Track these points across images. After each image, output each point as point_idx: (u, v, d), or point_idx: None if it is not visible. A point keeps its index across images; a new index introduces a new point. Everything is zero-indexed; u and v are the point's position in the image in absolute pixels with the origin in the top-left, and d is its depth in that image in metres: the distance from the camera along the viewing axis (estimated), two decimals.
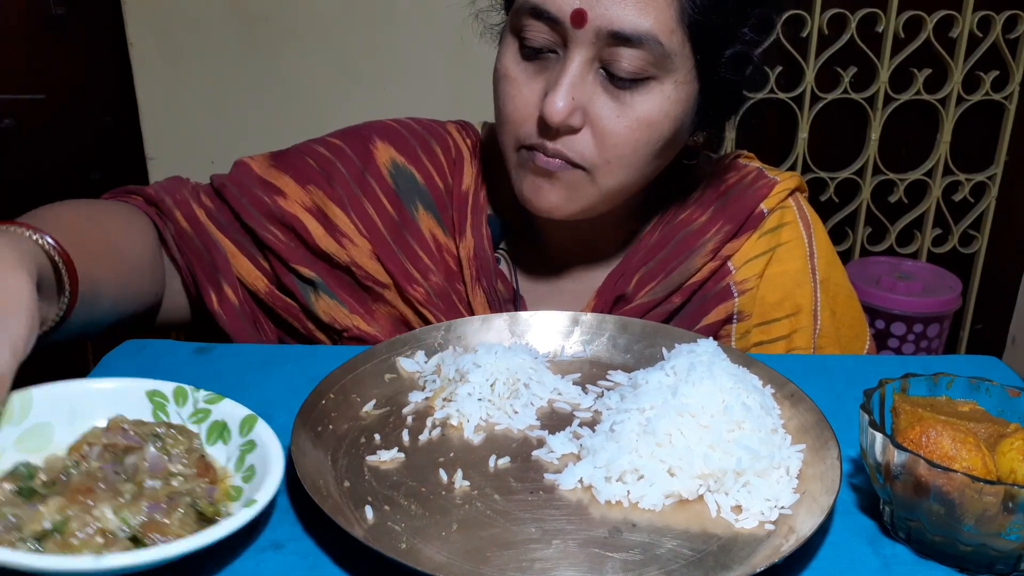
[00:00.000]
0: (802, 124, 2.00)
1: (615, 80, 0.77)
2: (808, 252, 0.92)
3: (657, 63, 0.76)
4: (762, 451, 0.59)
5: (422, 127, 0.95)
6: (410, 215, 0.91)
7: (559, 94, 0.76)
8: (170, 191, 0.89)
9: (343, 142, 0.93)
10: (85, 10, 1.84)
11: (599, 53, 0.76)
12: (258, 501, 0.52)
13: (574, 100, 0.76)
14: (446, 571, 0.52)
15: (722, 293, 0.90)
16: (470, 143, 0.95)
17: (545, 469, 0.62)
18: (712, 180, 0.93)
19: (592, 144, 0.79)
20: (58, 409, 0.60)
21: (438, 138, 0.94)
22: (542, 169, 0.80)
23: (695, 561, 0.54)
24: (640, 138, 0.79)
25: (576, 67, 0.76)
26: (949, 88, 2.00)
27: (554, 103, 0.76)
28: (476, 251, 0.89)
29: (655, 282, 0.89)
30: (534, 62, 0.79)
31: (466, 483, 0.60)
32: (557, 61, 0.78)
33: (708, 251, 0.89)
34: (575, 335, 0.79)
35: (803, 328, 0.91)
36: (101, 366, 0.76)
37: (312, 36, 1.79)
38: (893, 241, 2.15)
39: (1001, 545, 0.52)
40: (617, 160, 0.79)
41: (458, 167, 0.92)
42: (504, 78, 0.81)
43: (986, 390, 0.62)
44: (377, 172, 0.91)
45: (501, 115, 0.82)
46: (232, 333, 0.87)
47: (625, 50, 0.75)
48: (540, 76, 0.79)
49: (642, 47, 0.75)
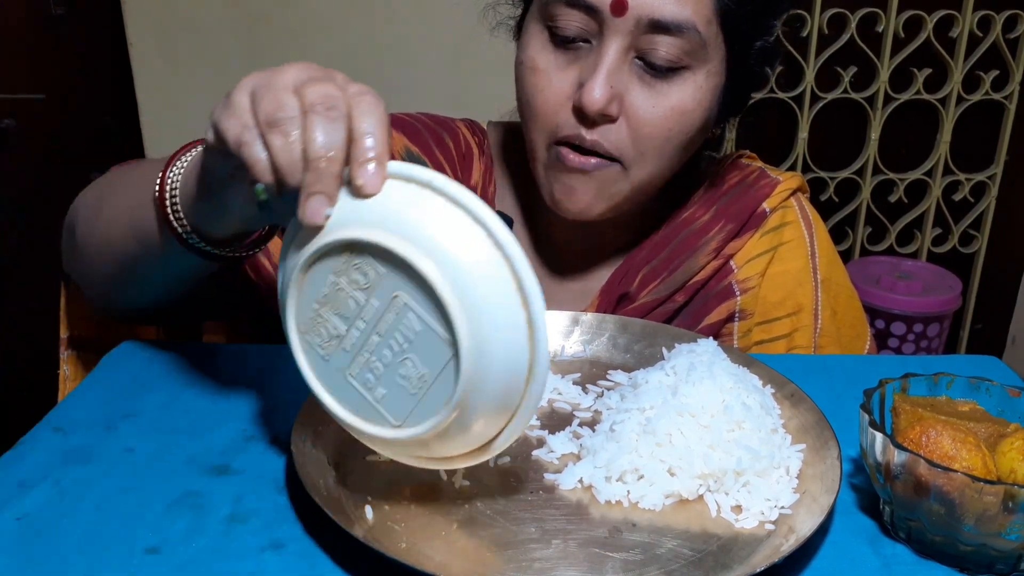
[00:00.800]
0: (802, 124, 2.00)
1: (651, 69, 0.76)
2: (809, 252, 0.93)
3: (693, 52, 0.76)
4: (762, 451, 0.59)
5: (434, 121, 0.95)
6: None
7: (597, 81, 0.75)
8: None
9: None
10: (85, 10, 1.84)
11: (635, 42, 0.75)
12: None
13: (612, 88, 0.76)
14: (446, 571, 0.52)
15: (724, 292, 0.90)
16: (478, 140, 0.95)
17: (545, 469, 0.62)
18: (714, 180, 0.94)
19: (627, 134, 0.78)
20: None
21: (450, 132, 0.94)
22: (576, 168, 0.79)
23: (695, 561, 0.54)
24: (674, 127, 0.78)
25: (613, 55, 0.75)
26: (949, 88, 2.00)
27: (592, 91, 0.75)
28: None
29: (658, 281, 0.89)
30: (565, 52, 0.78)
31: (466, 483, 0.60)
32: (590, 51, 0.77)
33: (711, 250, 0.89)
34: (575, 335, 0.79)
35: (804, 327, 0.92)
36: (101, 366, 0.76)
37: (312, 36, 1.79)
38: (893, 241, 2.15)
39: (1001, 545, 0.52)
40: (651, 151, 0.79)
41: (467, 162, 0.93)
42: (532, 70, 0.79)
43: (986, 390, 0.62)
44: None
45: (531, 108, 0.81)
46: (270, 307, 0.83)
47: (663, 38, 0.75)
48: (572, 66, 0.78)
49: (681, 36, 0.74)
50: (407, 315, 0.49)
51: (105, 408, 0.67)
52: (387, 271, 0.49)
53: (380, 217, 0.49)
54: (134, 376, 0.74)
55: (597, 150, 0.79)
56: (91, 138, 1.93)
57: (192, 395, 0.71)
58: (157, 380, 0.73)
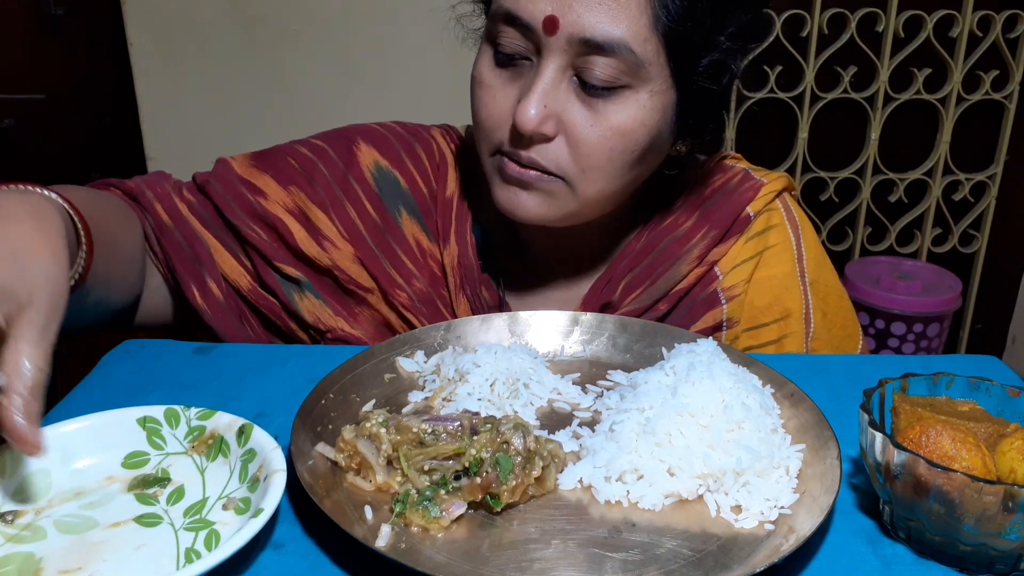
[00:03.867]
0: (802, 124, 2.00)
1: (589, 88, 0.76)
2: (796, 255, 0.91)
3: (631, 72, 0.75)
4: (762, 451, 0.59)
5: (406, 131, 0.94)
6: (393, 219, 0.90)
7: (531, 102, 0.75)
8: (151, 185, 0.89)
9: (326, 143, 0.92)
10: (85, 10, 1.85)
11: (572, 61, 0.75)
12: (265, 510, 0.52)
13: (546, 108, 0.76)
14: (446, 571, 0.52)
15: (709, 299, 0.89)
16: (454, 148, 0.94)
17: None
18: (697, 184, 0.92)
19: (567, 153, 0.78)
20: (48, 456, 0.58)
21: (423, 142, 0.93)
22: (515, 178, 0.79)
23: (695, 561, 0.54)
24: (615, 147, 0.77)
25: (549, 74, 0.75)
26: (949, 88, 2.00)
27: (526, 111, 0.75)
28: (460, 259, 0.88)
29: (640, 289, 0.88)
30: (509, 69, 0.79)
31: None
32: (531, 68, 0.77)
33: (694, 257, 0.88)
34: (575, 335, 0.79)
35: (793, 333, 0.90)
36: (100, 366, 0.76)
37: (312, 36, 1.80)
38: (893, 241, 2.15)
39: (1001, 545, 0.52)
40: (592, 169, 0.78)
41: (442, 172, 0.92)
42: (479, 84, 0.80)
43: (986, 390, 0.61)
44: (360, 175, 0.90)
45: (476, 121, 0.82)
46: (218, 328, 0.87)
47: (598, 58, 0.74)
48: (514, 83, 0.78)
49: (614, 55, 0.74)
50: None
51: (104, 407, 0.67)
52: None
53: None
54: (134, 376, 0.74)
55: (535, 166, 0.79)
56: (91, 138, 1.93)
57: (192, 395, 0.71)
58: (157, 380, 0.73)
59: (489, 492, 0.56)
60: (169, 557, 0.53)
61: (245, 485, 0.58)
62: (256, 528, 0.51)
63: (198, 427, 0.62)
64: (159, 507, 0.57)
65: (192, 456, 0.62)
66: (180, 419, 0.62)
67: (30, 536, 0.54)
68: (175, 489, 0.59)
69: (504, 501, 0.57)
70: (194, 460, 0.61)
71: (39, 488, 0.58)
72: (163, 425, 0.62)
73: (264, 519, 0.52)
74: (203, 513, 0.57)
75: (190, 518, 0.56)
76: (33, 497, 0.57)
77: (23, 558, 0.52)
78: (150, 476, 0.60)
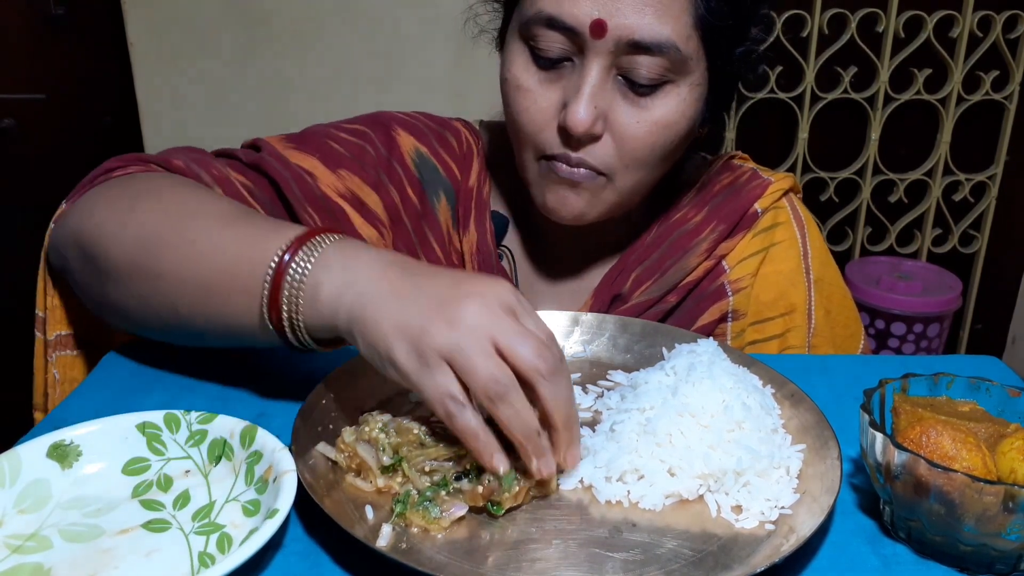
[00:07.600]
0: (802, 124, 2.00)
1: (634, 87, 0.77)
2: (802, 252, 0.93)
3: (674, 68, 0.76)
4: (762, 451, 0.59)
5: (434, 121, 0.95)
6: (431, 205, 0.90)
7: (581, 104, 0.75)
8: (203, 164, 0.81)
9: (366, 127, 0.91)
10: (85, 10, 1.85)
11: (617, 61, 0.76)
12: (280, 510, 0.52)
13: (596, 108, 0.76)
14: (447, 571, 0.52)
15: (717, 292, 0.90)
16: (474, 139, 0.95)
17: None
18: (707, 180, 0.94)
19: (612, 150, 0.79)
20: (49, 462, 0.59)
21: (452, 131, 0.94)
22: (567, 180, 0.80)
23: (695, 561, 0.54)
24: (658, 140, 0.79)
25: (595, 76, 0.76)
26: (949, 88, 2.00)
27: (577, 113, 0.75)
28: (479, 245, 0.89)
29: (651, 281, 0.89)
30: (549, 71, 0.78)
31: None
32: (573, 69, 0.77)
33: (703, 251, 0.89)
34: (575, 335, 0.79)
35: (797, 327, 0.92)
36: (101, 366, 0.76)
37: (312, 36, 1.79)
38: (893, 241, 2.15)
39: (1001, 545, 0.52)
40: (635, 163, 0.80)
41: (467, 162, 0.93)
42: (517, 88, 0.80)
43: (986, 390, 0.61)
44: (402, 160, 0.90)
45: (517, 126, 0.81)
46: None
47: (644, 58, 0.75)
48: (556, 85, 0.78)
49: (661, 55, 0.75)
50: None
51: (105, 408, 0.67)
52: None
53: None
54: (134, 376, 0.74)
55: (583, 165, 0.79)
56: (91, 138, 1.93)
57: (192, 395, 0.71)
58: (157, 380, 0.73)
59: (491, 500, 0.56)
60: (183, 561, 0.53)
61: (253, 487, 0.58)
62: (273, 528, 0.51)
63: (199, 431, 0.62)
64: (166, 512, 0.57)
65: (194, 460, 0.61)
66: (180, 424, 0.62)
67: (35, 547, 0.54)
68: (180, 494, 0.59)
69: (506, 507, 0.57)
70: (196, 464, 0.61)
71: (39, 497, 0.58)
72: (163, 430, 0.62)
73: (280, 519, 0.52)
74: (212, 516, 0.57)
75: (199, 522, 0.56)
76: (34, 507, 0.57)
77: (31, 569, 0.52)
78: (153, 482, 0.60)
